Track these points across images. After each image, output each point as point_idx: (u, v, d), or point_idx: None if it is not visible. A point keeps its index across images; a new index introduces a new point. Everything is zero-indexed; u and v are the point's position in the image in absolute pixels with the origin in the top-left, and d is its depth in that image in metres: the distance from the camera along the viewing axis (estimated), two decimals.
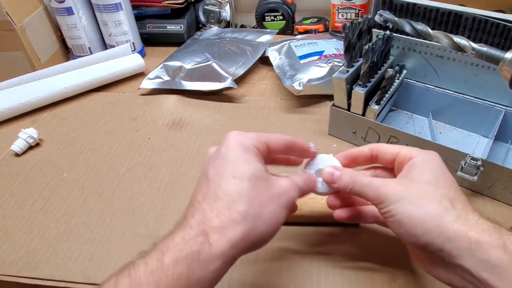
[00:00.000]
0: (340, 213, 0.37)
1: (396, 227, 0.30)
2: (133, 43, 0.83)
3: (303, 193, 0.33)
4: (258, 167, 0.29)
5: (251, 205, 0.27)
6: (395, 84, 0.57)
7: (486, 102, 0.54)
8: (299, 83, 0.64)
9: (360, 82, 0.53)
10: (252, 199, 0.28)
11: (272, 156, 0.35)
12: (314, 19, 0.89)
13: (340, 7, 0.86)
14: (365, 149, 0.37)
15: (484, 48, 0.41)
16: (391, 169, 0.36)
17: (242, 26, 0.98)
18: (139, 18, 0.87)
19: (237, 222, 0.27)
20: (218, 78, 0.70)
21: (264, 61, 0.79)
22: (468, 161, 0.45)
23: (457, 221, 0.27)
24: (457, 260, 0.27)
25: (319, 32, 0.86)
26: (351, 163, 0.38)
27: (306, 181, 0.34)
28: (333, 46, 0.72)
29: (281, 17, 0.90)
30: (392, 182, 0.31)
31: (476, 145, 0.56)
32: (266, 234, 0.29)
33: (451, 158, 0.48)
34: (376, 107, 0.53)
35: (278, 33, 0.88)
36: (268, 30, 0.89)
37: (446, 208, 0.28)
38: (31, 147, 0.61)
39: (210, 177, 0.29)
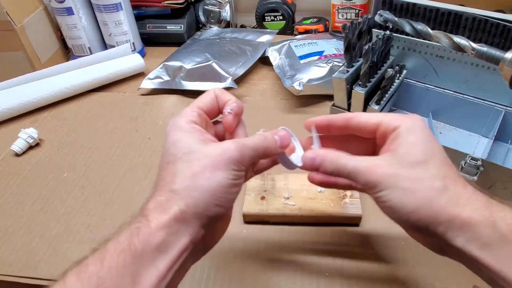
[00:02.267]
0: (313, 176, 0.36)
1: (389, 213, 0.29)
2: (133, 43, 0.83)
3: (255, 151, 0.31)
4: (189, 142, 0.30)
5: (183, 181, 0.28)
6: (395, 84, 0.57)
7: (486, 102, 0.54)
8: (299, 83, 0.64)
9: (360, 82, 0.53)
10: (184, 175, 0.28)
11: (213, 113, 0.35)
12: (314, 19, 0.89)
13: (340, 7, 0.86)
14: (339, 118, 0.34)
15: (484, 48, 0.41)
16: (368, 140, 0.34)
17: (242, 26, 0.98)
18: (139, 18, 0.87)
19: (171, 199, 0.27)
20: (218, 78, 0.70)
21: (264, 61, 0.79)
22: (468, 161, 0.45)
23: (450, 203, 0.27)
24: (450, 241, 0.27)
25: (319, 32, 0.86)
26: (322, 131, 0.36)
27: (265, 137, 0.32)
28: (333, 46, 0.72)
29: (281, 17, 0.90)
30: (380, 164, 0.29)
31: (476, 145, 0.56)
32: (211, 201, 0.28)
33: (451, 158, 0.47)
34: (376, 107, 0.53)
35: (278, 33, 0.88)
36: (268, 30, 0.89)
37: (438, 190, 0.27)
38: (31, 147, 0.61)
39: (158, 171, 0.31)
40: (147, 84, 0.73)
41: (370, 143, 0.34)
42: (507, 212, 0.26)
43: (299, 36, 0.82)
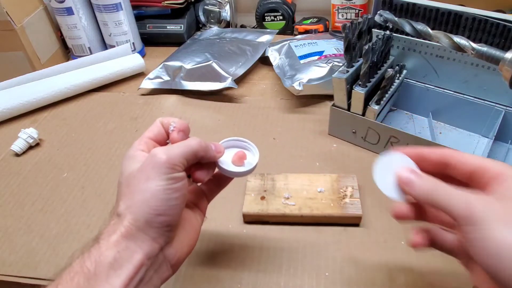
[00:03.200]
0: (416, 240, 0.31)
1: (480, 251, 0.24)
2: (133, 43, 0.83)
3: (183, 151, 0.30)
4: (132, 167, 0.30)
5: (125, 201, 0.29)
6: (395, 84, 0.57)
7: (486, 102, 0.54)
8: (299, 83, 0.64)
9: (360, 82, 0.53)
10: (125, 196, 0.29)
11: (163, 141, 0.35)
12: (314, 19, 0.89)
13: (340, 7, 0.86)
14: (436, 152, 0.31)
15: (484, 48, 0.41)
16: (458, 181, 0.30)
17: (242, 26, 0.98)
18: (139, 18, 0.87)
19: (118, 221, 0.28)
20: (218, 78, 0.70)
21: (264, 61, 0.79)
22: None
23: None
24: None
25: (319, 32, 0.86)
26: (417, 161, 0.32)
27: (185, 141, 0.32)
28: (333, 46, 0.72)
29: (281, 17, 0.90)
30: (479, 198, 0.25)
31: (476, 145, 0.56)
32: (150, 211, 0.28)
33: None
34: (376, 107, 0.53)
35: (278, 33, 0.88)
36: (268, 30, 0.89)
37: None
38: (31, 147, 0.61)
39: None
40: (147, 84, 0.73)
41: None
42: None
43: (299, 36, 0.82)
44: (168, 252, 0.30)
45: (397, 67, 0.56)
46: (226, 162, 0.36)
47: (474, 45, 0.42)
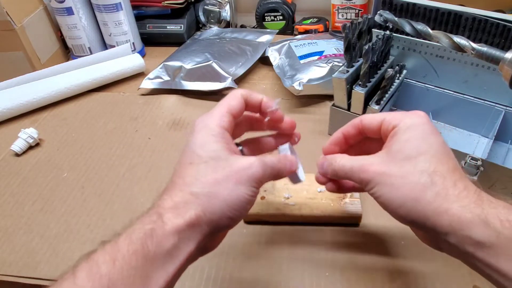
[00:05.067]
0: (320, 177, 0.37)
1: (383, 207, 0.30)
2: (133, 43, 0.83)
3: (273, 171, 0.31)
4: (217, 148, 0.30)
5: (204, 186, 0.28)
6: (395, 84, 0.57)
7: (486, 102, 0.54)
8: (299, 83, 0.64)
9: (360, 82, 0.53)
10: (206, 180, 0.28)
11: (239, 117, 0.35)
12: (314, 19, 0.89)
13: (340, 7, 0.86)
14: (350, 128, 0.35)
15: (484, 48, 0.41)
16: (379, 139, 0.34)
17: (242, 26, 0.98)
18: (139, 18, 0.87)
19: (190, 202, 0.27)
20: (218, 78, 0.70)
21: (264, 61, 0.79)
22: (468, 161, 0.45)
23: (437, 199, 0.27)
24: (442, 237, 0.27)
25: (319, 32, 0.86)
26: (343, 146, 0.37)
27: (279, 159, 0.32)
28: (333, 46, 0.72)
29: (281, 17, 0.90)
30: (373, 162, 0.30)
31: (476, 145, 0.56)
32: (226, 212, 0.28)
33: None
34: (376, 107, 0.53)
35: (278, 33, 0.88)
36: (268, 30, 0.89)
37: (424, 185, 0.27)
38: (31, 147, 0.61)
39: (175, 168, 0.30)
40: (147, 84, 0.73)
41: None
42: (500, 209, 0.26)
43: (299, 36, 0.82)
44: (209, 244, 0.31)
45: (397, 67, 0.56)
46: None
47: (474, 45, 0.42)
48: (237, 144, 0.37)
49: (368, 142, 0.36)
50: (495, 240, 0.25)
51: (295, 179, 0.36)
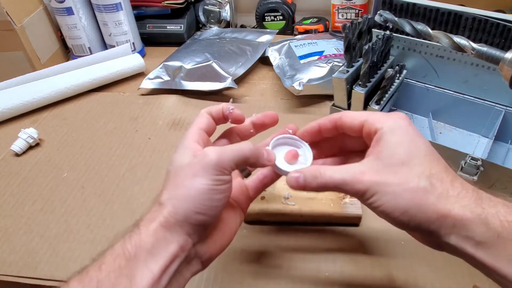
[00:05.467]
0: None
1: (383, 217, 0.29)
2: (133, 43, 0.83)
3: (234, 155, 0.30)
4: (182, 159, 0.31)
5: (168, 192, 0.30)
6: (395, 84, 0.57)
7: (486, 102, 0.54)
8: (299, 83, 0.64)
9: (360, 82, 0.53)
10: (170, 186, 0.30)
11: (212, 130, 0.36)
12: (314, 19, 0.89)
13: (340, 7, 0.86)
14: (327, 121, 0.35)
15: (484, 48, 0.41)
16: (357, 138, 0.34)
17: (242, 26, 0.98)
18: (139, 18, 0.87)
19: (158, 210, 0.29)
20: (218, 78, 0.70)
21: (264, 61, 0.79)
22: (468, 161, 0.45)
23: (439, 201, 0.27)
24: (444, 239, 0.27)
25: (319, 32, 0.86)
26: (316, 137, 0.36)
27: (238, 145, 0.32)
28: (333, 46, 0.72)
29: (281, 17, 0.90)
30: (365, 171, 0.29)
31: (476, 145, 0.56)
32: (191, 208, 0.29)
33: (451, 158, 0.47)
34: (376, 107, 0.53)
35: (278, 33, 0.88)
36: (268, 30, 0.89)
37: (425, 190, 0.27)
38: (31, 147, 0.61)
39: None
40: (147, 84, 0.73)
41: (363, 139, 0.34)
42: (499, 208, 0.26)
43: (299, 36, 0.82)
44: (200, 249, 0.31)
45: (397, 67, 0.56)
46: (280, 160, 0.35)
47: (474, 45, 0.42)
48: (243, 170, 0.38)
49: (344, 137, 0.35)
50: (494, 240, 0.25)
51: (279, 171, 0.35)
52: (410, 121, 0.31)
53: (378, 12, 0.54)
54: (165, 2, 0.86)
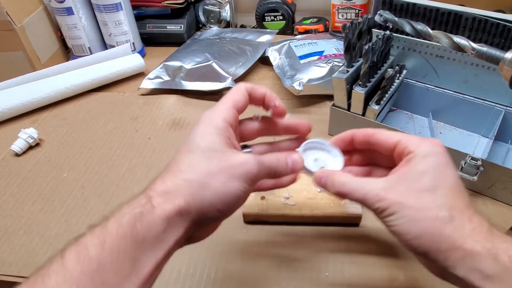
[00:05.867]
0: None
1: (393, 234, 0.29)
2: (133, 43, 0.83)
3: (270, 170, 0.31)
4: (216, 141, 0.30)
5: (198, 174, 0.28)
6: (395, 84, 0.57)
7: (486, 102, 0.54)
8: (299, 83, 0.64)
9: (360, 82, 0.53)
10: (200, 169, 0.28)
11: (242, 110, 0.35)
12: (314, 19, 0.89)
13: (340, 7, 0.86)
14: (360, 134, 0.35)
15: (484, 48, 0.41)
16: (387, 156, 0.34)
17: (242, 26, 0.98)
18: (139, 18, 0.87)
19: (181, 188, 0.27)
20: (218, 78, 0.70)
21: (264, 61, 0.79)
22: (468, 161, 0.45)
23: (454, 233, 0.27)
24: (450, 269, 0.27)
25: (319, 32, 0.86)
26: (347, 146, 0.36)
27: (272, 160, 0.32)
28: (333, 46, 0.72)
29: (281, 17, 0.90)
30: (389, 189, 0.29)
31: (476, 145, 0.56)
32: (216, 204, 0.28)
33: (451, 158, 0.47)
34: (376, 107, 0.53)
35: (278, 33, 0.88)
36: (268, 30, 0.89)
37: (443, 221, 0.27)
38: (31, 147, 0.61)
39: (174, 156, 0.30)
40: (147, 84, 0.73)
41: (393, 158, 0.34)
42: (510, 244, 0.26)
43: (299, 36, 0.82)
44: (195, 233, 0.31)
45: (397, 67, 0.56)
46: (309, 163, 0.35)
47: (474, 45, 0.42)
48: (245, 146, 0.38)
49: (375, 152, 0.35)
50: (503, 275, 0.25)
51: (307, 173, 0.35)
52: (444, 149, 0.31)
53: (378, 12, 0.54)
54: (165, 2, 0.86)
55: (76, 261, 0.24)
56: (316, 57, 0.69)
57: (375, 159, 0.37)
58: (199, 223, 0.29)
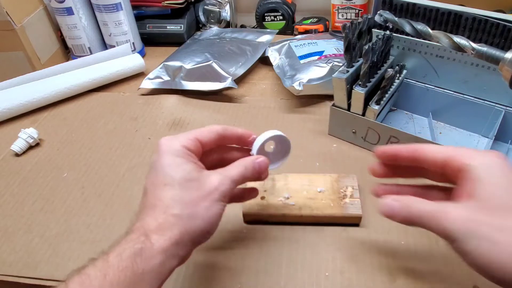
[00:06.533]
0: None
1: (469, 263, 0.26)
2: (133, 43, 0.83)
3: (240, 181, 0.34)
4: (187, 169, 0.31)
5: (184, 207, 0.30)
6: (395, 84, 0.57)
7: (486, 102, 0.54)
8: (299, 83, 0.64)
9: (360, 82, 0.53)
10: (184, 201, 0.30)
11: (209, 148, 0.36)
12: (314, 19, 0.89)
13: (340, 7, 0.86)
14: (404, 151, 0.33)
15: (484, 48, 0.41)
16: (436, 173, 0.32)
17: (242, 26, 0.98)
18: (139, 18, 0.87)
19: (173, 224, 0.29)
20: (218, 78, 0.70)
21: (264, 61, 0.79)
22: None
23: None
24: None
25: (319, 32, 0.86)
26: (391, 161, 0.35)
27: (240, 171, 0.34)
28: (333, 46, 0.72)
29: (281, 17, 0.90)
30: (457, 210, 0.26)
31: (476, 145, 0.56)
32: (206, 228, 0.31)
33: None
34: (376, 107, 0.53)
35: (278, 33, 0.88)
36: (268, 30, 0.89)
37: None
38: (31, 147, 0.61)
39: (146, 188, 0.32)
40: (147, 84, 0.73)
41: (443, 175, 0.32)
42: None
43: (299, 36, 0.82)
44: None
45: (397, 67, 0.56)
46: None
47: (474, 45, 0.42)
48: None
49: (422, 168, 0.33)
50: None
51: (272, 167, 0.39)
52: (506, 158, 0.28)
53: (378, 12, 0.54)
54: (165, 2, 0.86)
55: None
56: (316, 57, 0.69)
57: (423, 175, 0.34)
58: (192, 248, 0.31)
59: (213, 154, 0.38)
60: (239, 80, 0.74)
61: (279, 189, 0.48)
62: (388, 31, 0.57)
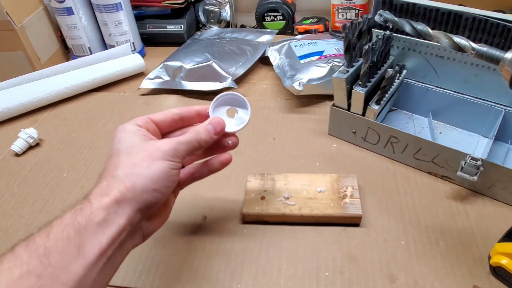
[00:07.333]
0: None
1: None
2: (133, 43, 0.83)
3: (193, 143, 0.35)
4: (132, 139, 0.34)
5: (124, 169, 0.31)
6: (395, 84, 0.57)
7: (486, 102, 0.54)
8: (299, 83, 0.64)
9: (360, 82, 0.53)
10: (125, 164, 0.32)
11: (168, 129, 0.39)
12: (314, 19, 0.89)
13: (340, 7, 0.86)
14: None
15: (484, 48, 0.41)
16: None
17: (242, 26, 0.98)
18: (139, 18, 0.87)
19: (112, 183, 0.31)
20: (218, 78, 0.70)
21: (264, 61, 0.79)
22: (468, 161, 0.45)
23: None
24: None
25: (319, 32, 0.86)
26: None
27: (192, 135, 0.35)
28: (333, 46, 0.72)
29: (281, 17, 0.90)
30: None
31: (476, 145, 0.56)
32: (148, 186, 0.31)
33: (451, 158, 0.47)
34: (376, 107, 0.53)
35: (278, 33, 0.88)
36: (268, 30, 0.89)
37: None
38: (31, 147, 0.61)
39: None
40: (147, 84, 0.73)
41: None
42: None
43: (299, 36, 0.82)
44: (144, 224, 0.34)
45: (397, 67, 0.56)
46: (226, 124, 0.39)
47: (474, 45, 0.42)
48: None
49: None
50: None
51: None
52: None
53: (378, 12, 0.54)
54: (165, 2, 0.86)
55: (25, 249, 0.27)
56: (316, 57, 0.69)
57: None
58: (143, 209, 0.31)
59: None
60: (239, 80, 0.74)
61: (279, 189, 0.48)
62: (388, 31, 0.57)
